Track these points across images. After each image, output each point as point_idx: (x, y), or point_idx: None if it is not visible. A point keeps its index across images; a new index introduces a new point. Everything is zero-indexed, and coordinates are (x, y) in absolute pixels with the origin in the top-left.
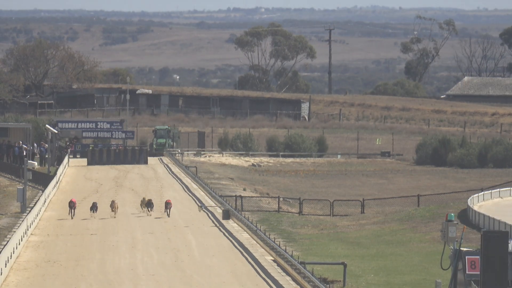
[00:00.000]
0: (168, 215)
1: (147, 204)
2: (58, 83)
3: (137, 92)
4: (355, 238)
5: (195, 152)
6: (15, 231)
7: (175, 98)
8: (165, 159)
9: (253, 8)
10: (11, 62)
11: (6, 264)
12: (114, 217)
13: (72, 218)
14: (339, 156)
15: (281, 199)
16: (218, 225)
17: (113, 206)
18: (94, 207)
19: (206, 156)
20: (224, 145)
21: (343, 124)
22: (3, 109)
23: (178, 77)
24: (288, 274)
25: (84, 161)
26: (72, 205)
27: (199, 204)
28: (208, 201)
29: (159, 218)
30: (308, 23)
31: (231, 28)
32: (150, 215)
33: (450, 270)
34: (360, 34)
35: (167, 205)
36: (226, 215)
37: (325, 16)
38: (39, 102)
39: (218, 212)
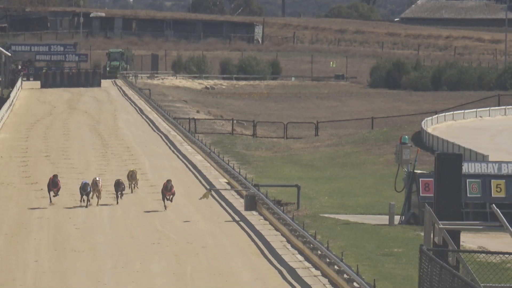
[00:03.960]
0: (166, 205)
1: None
2: (12, 6)
3: (90, 15)
4: (309, 160)
5: (148, 75)
6: None
7: (128, 21)
8: (119, 82)
9: None
10: None
11: None
12: (97, 204)
13: (50, 201)
14: (293, 79)
15: (235, 121)
16: (172, 148)
17: (95, 187)
18: (85, 189)
19: (159, 79)
20: (178, 68)
21: (297, 47)
22: None
23: (131, 0)
24: (242, 197)
25: (37, 84)
26: (54, 186)
27: (208, 187)
28: (162, 124)
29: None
30: None
31: None
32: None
33: (404, 193)
34: None
35: (167, 188)
36: (252, 203)
37: None
38: None
39: (172, 134)
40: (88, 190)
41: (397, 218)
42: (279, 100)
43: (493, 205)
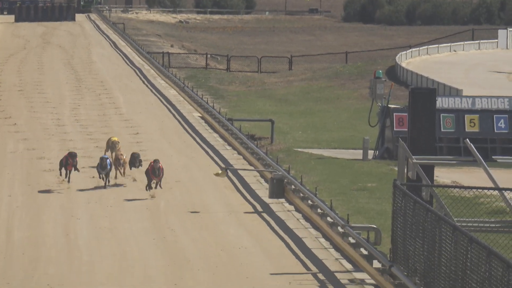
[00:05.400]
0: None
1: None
2: None
3: None
4: (283, 95)
5: (122, 9)
6: None
7: None
8: (93, 16)
9: None
10: None
11: None
12: (123, 183)
13: (67, 179)
14: (267, 13)
15: (208, 55)
16: (146, 82)
17: (118, 163)
18: (103, 165)
19: (133, 13)
20: (152, 1)
21: None
22: None
23: None
24: (215, 131)
25: (11, 18)
26: (70, 162)
27: (223, 166)
28: (136, 58)
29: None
30: None
31: None
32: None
33: (378, 127)
34: None
35: (154, 172)
36: (278, 188)
37: None
38: None
39: (146, 68)
40: (107, 167)
41: (371, 153)
42: (253, 34)
43: (467, 139)
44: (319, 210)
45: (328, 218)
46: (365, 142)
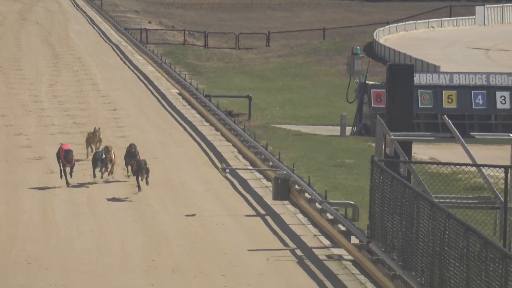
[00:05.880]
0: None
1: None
2: None
3: None
4: (261, 71)
5: None
6: None
7: None
8: None
9: None
10: None
11: None
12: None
13: (67, 183)
14: None
15: (186, 32)
16: (123, 58)
17: (108, 155)
18: (99, 159)
19: None
20: None
21: None
22: None
23: None
24: (193, 107)
25: None
26: (68, 158)
27: (223, 166)
28: (113, 34)
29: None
30: None
31: None
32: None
33: (356, 103)
34: None
35: (140, 167)
36: (283, 189)
37: None
38: None
39: (123, 45)
40: (102, 158)
41: (348, 129)
42: (230, 11)
43: (445, 116)
44: (297, 186)
45: (306, 194)
46: (342, 119)
